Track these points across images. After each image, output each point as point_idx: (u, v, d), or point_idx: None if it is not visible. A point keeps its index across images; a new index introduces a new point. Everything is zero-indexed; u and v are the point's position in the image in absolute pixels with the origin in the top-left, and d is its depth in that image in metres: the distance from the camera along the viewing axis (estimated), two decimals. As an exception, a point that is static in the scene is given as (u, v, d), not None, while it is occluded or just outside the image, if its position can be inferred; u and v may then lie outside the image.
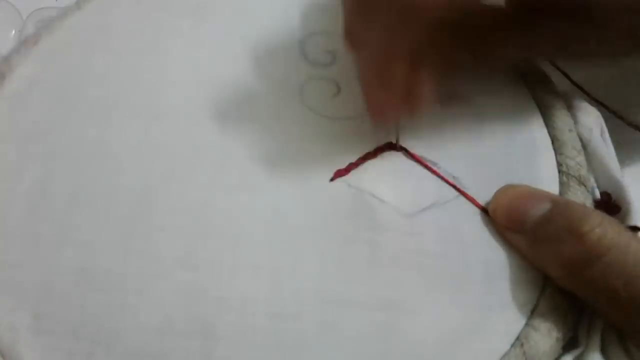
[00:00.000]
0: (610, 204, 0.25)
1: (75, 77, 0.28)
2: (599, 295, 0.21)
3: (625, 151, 0.27)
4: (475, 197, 0.24)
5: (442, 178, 0.25)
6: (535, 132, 0.26)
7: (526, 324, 0.22)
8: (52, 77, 0.28)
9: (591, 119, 0.26)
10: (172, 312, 0.22)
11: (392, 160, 0.25)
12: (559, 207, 0.22)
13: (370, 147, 0.25)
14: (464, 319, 0.22)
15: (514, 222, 0.23)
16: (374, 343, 0.21)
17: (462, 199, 0.24)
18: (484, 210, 0.24)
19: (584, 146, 0.26)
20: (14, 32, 0.40)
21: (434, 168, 0.25)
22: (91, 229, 0.23)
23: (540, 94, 0.27)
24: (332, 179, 0.24)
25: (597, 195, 0.25)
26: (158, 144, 0.25)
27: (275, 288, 0.22)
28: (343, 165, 0.25)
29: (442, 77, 0.23)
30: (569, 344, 0.22)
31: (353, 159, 0.25)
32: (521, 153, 0.26)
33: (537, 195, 0.23)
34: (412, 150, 0.25)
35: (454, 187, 0.24)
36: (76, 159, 0.25)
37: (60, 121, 0.26)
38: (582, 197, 0.24)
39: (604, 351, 0.21)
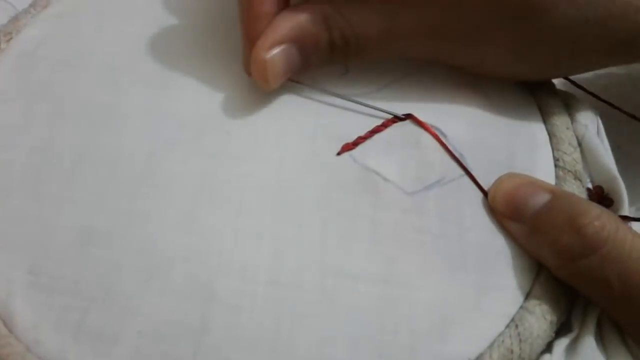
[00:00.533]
0: (603, 196, 0.25)
1: (84, 41, 0.28)
2: (594, 287, 0.21)
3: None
4: (480, 174, 0.25)
5: (449, 152, 0.25)
6: (535, 128, 0.27)
7: (521, 307, 0.22)
8: (60, 39, 0.28)
9: (587, 117, 0.27)
10: (172, 273, 0.22)
11: (401, 134, 0.25)
12: (558, 198, 0.22)
13: (378, 121, 0.26)
14: (460, 297, 0.22)
15: (513, 211, 0.23)
16: (370, 315, 0.21)
17: (465, 179, 0.24)
18: (485, 194, 0.24)
19: (579, 142, 0.26)
20: None
21: (442, 140, 0.25)
22: (93, 190, 0.23)
23: (539, 93, 0.28)
24: (339, 153, 0.24)
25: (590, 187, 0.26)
26: (166, 111, 0.25)
27: (277, 256, 0.22)
28: (352, 138, 0.25)
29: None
30: (562, 330, 0.22)
31: (362, 132, 0.25)
32: (521, 145, 0.26)
33: (538, 185, 0.23)
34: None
35: (460, 164, 0.25)
36: (83, 120, 0.25)
37: (68, 82, 0.26)
38: (577, 191, 0.25)
39: (601, 341, 0.22)
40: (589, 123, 0.27)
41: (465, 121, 0.26)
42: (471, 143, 0.25)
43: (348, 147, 0.25)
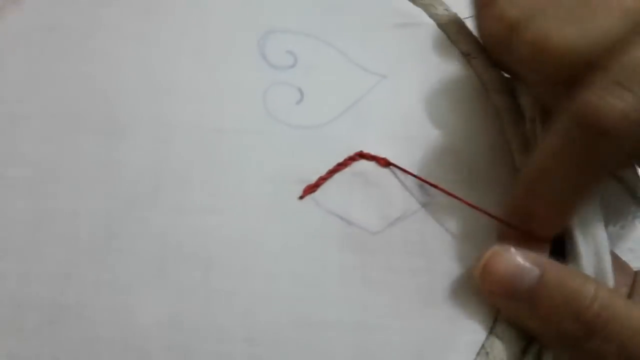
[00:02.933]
0: None
1: (14, 85, 0.26)
2: None
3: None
4: (435, 205, 0.25)
5: (427, 182, 0.25)
6: (493, 137, 0.27)
7: (490, 332, 0.23)
8: None
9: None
10: (149, 341, 0.22)
11: (361, 170, 0.25)
12: (548, 274, 0.22)
13: (338, 156, 0.25)
14: (432, 332, 0.23)
15: (509, 292, 0.22)
16: None
17: (425, 210, 0.25)
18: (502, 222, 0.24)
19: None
20: None
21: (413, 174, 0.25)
22: (56, 262, 0.23)
23: (496, 97, 0.27)
24: (301, 197, 0.24)
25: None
26: (118, 164, 0.25)
27: (250, 313, 0.22)
28: (313, 178, 0.25)
29: None
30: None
31: (323, 169, 0.25)
32: (480, 159, 0.26)
33: (525, 261, 0.22)
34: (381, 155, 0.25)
35: (448, 193, 0.25)
36: (28, 184, 0.24)
37: (8, 139, 0.25)
38: None
39: None
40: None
41: (423, 145, 0.26)
42: (433, 167, 0.25)
43: (310, 190, 0.24)
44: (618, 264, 0.27)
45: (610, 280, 0.23)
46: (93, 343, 0.22)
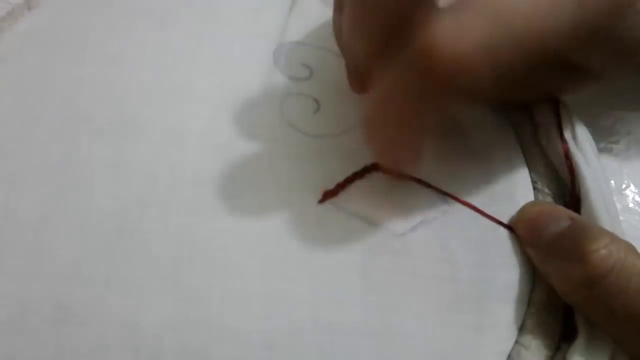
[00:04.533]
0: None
1: (33, 88, 0.25)
2: (599, 315, 0.21)
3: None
4: (456, 212, 0.24)
5: (436, 189, 0.25)
6: (510, 149, 0.27)
7: (516, 342, 0.22)
8: (7, 88, 0.25)
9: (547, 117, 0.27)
10: (162, 345, 0.21)
11: (379, 179, 0.25)
12: (575, 226, 0.22)
13: (355, 164, 0.25)
14: (457, 340, 0.22)
15: (532, 236, 0.23)
16: None
17: (447, 217, 0.24)
18: (509, 228, 0.24)
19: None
20: None
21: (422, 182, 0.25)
22: (64, 260, 0.22)
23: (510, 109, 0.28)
24: (320, 201, 0.24)
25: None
26: (133, 164, 0.24)
27: (269, 318, 0.21)
28: (331, 185, 0.24)
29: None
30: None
31: (340, 177, 0.25)
32: (498, 172, 0.26)
33: (558, 212, 0.23)
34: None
35: (455, 198, 0.25)
36: (42, 181, 0.23)
37: (22, 138, 0.24)
38: None
39: None
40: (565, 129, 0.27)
41: (439, 155, 0.26)
42: (447, 177, 0.25)
43: (329, 195, 0.24)
44: None
45: None
46: (100, 344, 0.20)
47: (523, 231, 0.24)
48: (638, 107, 0.30)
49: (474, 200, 0.25)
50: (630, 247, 0.22)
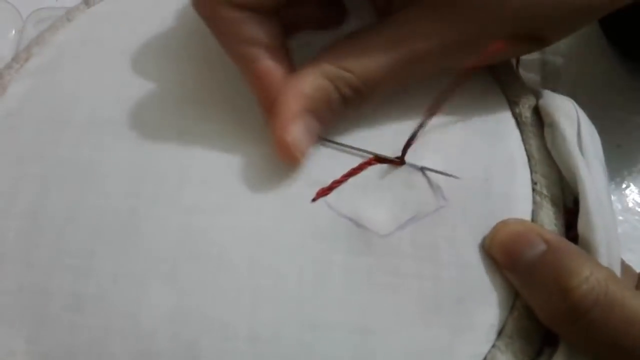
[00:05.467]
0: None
1: (65, 95, 0.28)
2: (584, 346, 0.21)
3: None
4: (449, 209, 0.25)
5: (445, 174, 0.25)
6: (513, 148, 0.26)
7: (493, 345, 0.22)
8: (43, 95, 0.28)
9: (565, 120, 0.26)
10: (159, 335, 0.23)
11: (376, 174, 0.25)
12: (552, 251, 0.22)
13: (354, 160, 0.26)
14: (434, 340, 0.23)
15: (508, 262, 0.23)
16: None
17: (440, 214, 0.24)
18: None
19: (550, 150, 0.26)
20: (14, 32, 0.41)
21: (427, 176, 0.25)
22: (80, 254, 0.24)
23: (519, 109, 0.27)
24: (314, 199, 0.25)
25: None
26: (147, 165, 0.26)
27: (255, 311, 0.23)
28: (328, 181, 0.25)
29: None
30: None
31: (338, 173, 0.25)
32: (499, 171, 0.26)
33: (533, 235, 0.23)
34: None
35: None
36: (68, 181, 0.26)
37: (52, 141, 0.27)
38: (553, 218, 0.24)
39: None
40: (567, 128, 0.26)
41: (440, 151, 0.26)
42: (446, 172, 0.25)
43: (323, 193, 0.25)
44: (622, 266, 0.26)
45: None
46: (105, 334, 0.23)
47: (497, 255, 0.23)
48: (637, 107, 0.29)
49: (469, 198, 0.24)
50: (611, 276, 0.21)
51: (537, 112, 0.27)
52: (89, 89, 0.28)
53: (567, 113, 0.26)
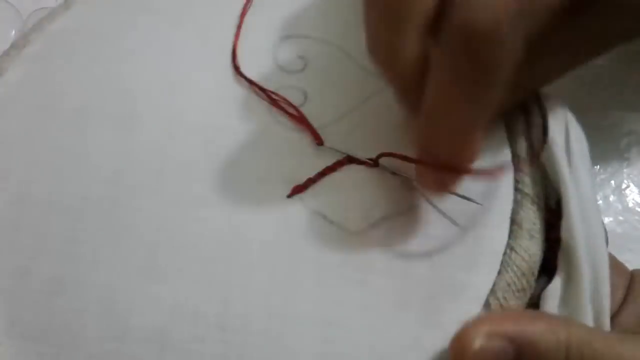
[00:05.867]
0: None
1: (56, 83, 0.29)
2: None
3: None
4: (424, 208, 0.25)
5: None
6: (498, 146, 0.26)
7: None
8: (35, 82, 0.29)
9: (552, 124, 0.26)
10: (130, 319, 0.23)
11: (352, 173, 0.26)
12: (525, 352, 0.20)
13: (332, 158, 0.26)
14: (402, 336, 0.23)
15: None
16: (314, 359, 0.23)
17: (415, 212, 0.25)
18: None
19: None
20: (14, 32, 0.41)
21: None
22: (61, 240, 0.25)
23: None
24: (289, 195, 0.25)
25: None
26: (130, 154, 0.27)
27: (226, 302, 0.24)
28: (303, 179, 0.26)
29: None
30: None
31: (313, 171, 0.26)
32: (481, 166, 0.26)
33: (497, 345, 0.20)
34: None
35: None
36: (54, 168, 0.27)
37: (41, 128, 0.28)
38: (533, 217, 0.24)
39: None
40: (555, 129, 0.25)
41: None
42: None
43: (298, 190, 0.25)
44: (614, 264, 0.26)
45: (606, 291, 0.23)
46: (82, 317, 0.24)
47: None
48: (637, 107, 0.28)
49: (450, 197, 0.25)
50: (587, 331, 0.20)
51: (525, 110, 0.27)
52: (79, 78, 0.29)
53: (556, 115, 0.26)
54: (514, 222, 0.25)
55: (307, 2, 0.30)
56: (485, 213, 0.25)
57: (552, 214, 0.25)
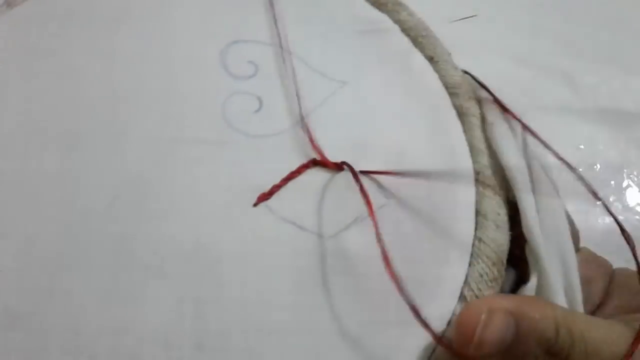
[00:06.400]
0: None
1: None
2: None
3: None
4: (392, 207, 0.25)
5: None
6: (454, 139, 0.27)
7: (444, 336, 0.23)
8: None
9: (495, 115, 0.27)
10: (97, 347, 0.22)
11: (317, 177, 0.25)
12: (522, 327, 0.21)
13: (294, 163, 0.26)
14: (383, 336, 0.23)
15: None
16: None
17: (383, 212, 0.24)
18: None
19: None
20: None
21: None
22: (12, 268, 0.23)
23: (459, 101, 0.27)
24: (255, 204, 0.25)
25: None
26: (78, 175, 0.25)
27: (199, 320, 0.23)
28: (268, 186, 0.25)
29: None
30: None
31: (278, 178, 0.25)
32: (440, 161, 0.26)
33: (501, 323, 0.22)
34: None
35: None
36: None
37: None
38: (497, 207, 0.25)
39: None
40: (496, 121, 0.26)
41: (382, 150, 0.26)
42: (389, 167, 0.25)
43: (263, 198, 0.25)
44: (592, 257, 0.27)
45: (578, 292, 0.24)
46: (43, 350, 0.22)
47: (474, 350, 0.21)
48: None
49: (411, 194, 0.25)
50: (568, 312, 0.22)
51: (478, 102, 0.28)
52: (12, 92, 0.27)
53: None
54: (478, 213, 0.25)
55: (255, 6, 0.30)
56: (450, 207, 0.25)
57: (515, 209, 0.25)
